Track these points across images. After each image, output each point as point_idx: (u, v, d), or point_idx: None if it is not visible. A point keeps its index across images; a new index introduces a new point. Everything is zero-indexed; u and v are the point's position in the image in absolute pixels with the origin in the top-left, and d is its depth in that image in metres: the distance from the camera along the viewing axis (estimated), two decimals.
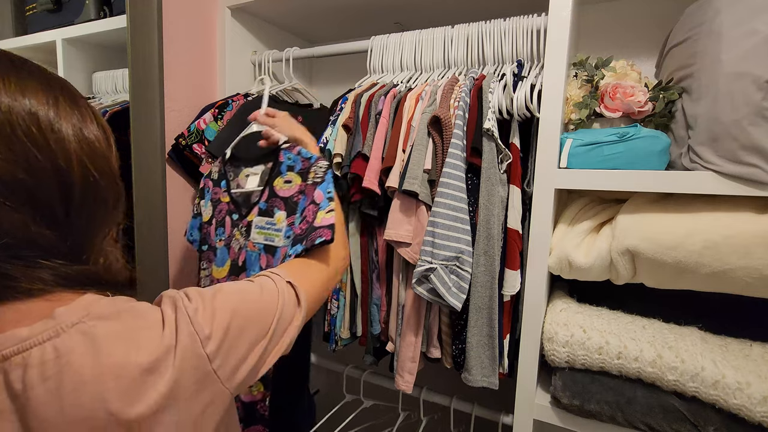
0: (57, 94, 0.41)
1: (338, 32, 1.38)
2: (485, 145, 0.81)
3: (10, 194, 0.36)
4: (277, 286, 0.54)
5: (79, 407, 0.35)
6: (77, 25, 1.16)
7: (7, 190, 0.36)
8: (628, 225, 0.74)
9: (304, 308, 0.57)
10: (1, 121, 0.36)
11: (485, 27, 0.92)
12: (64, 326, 0.37)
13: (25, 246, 0.38)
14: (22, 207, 0.37)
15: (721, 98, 0.66)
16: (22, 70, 0.40)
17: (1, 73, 0.39)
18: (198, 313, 0.44)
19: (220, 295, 0.48)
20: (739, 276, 0.66)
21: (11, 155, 0.36)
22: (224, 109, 1.16)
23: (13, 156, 0.36)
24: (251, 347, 0.48)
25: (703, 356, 0.68)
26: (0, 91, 0.37)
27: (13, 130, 0.37)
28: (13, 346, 0.36)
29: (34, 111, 0.38)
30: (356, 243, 1.02)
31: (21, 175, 0.37)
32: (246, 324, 0.48)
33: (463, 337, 0.88)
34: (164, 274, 1.12)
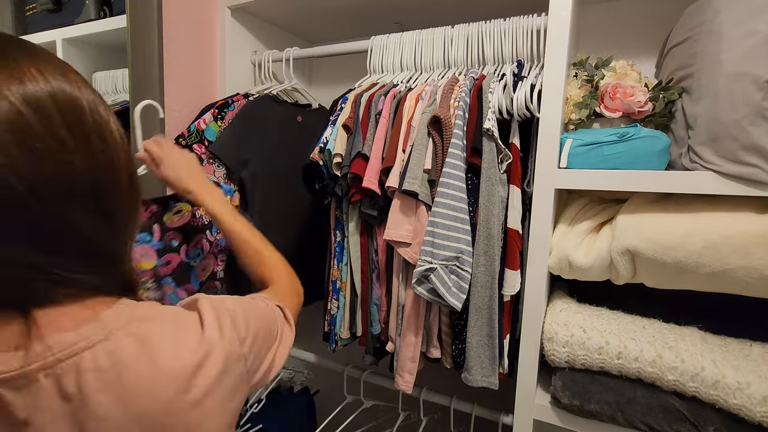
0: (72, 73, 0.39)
1: (338, 32, 1.38)
2: (485, 145, 0.81)
3: (71, 191, 0.36)
4: (272, 308, 0.57)
5: (139, 406, 0.36)
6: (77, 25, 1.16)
7: (67, 187, 0.35)
8: (628, 225, 0.74)
9: (293, 326, 0.60)
10: (74, 111, 0.35)
11: (485, 27, 0.92)
12: (113, 329, 0.38)
13: (71, 248, 0.38)
14: (79, 207, 0.37)
15: (721, 98, 0.66)
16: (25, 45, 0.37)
17: (59, 61, 0.37)
18: (238, 317, 0.46)
19: (245, 302, 0.51)
20: (739, 276, 0.66)
21: (80, 146, 0.36)
22: (224, 109, 1.16)
23: (77, 149, 0.36)
24: (266, 352, 0.51)
25: (703, 356, 0.68)
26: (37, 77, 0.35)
27: (81, 121, 0.36)
28: (63, 351, 0.36)
29: (97, 105, 0.38)
30: (356, 243, 1.02)
31: (84, 170, 0.36)
32: (264, 332, 0.51)
33: (463, 337, 0.88)
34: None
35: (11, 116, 0.32)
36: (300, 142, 1.20)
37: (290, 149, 1.22)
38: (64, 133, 0.35)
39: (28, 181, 0.33)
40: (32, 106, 0.33)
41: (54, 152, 0.34)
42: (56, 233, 0.36)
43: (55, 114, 0.34)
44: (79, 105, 0.36)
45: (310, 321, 1.40)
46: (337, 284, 1.07)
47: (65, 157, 0.35)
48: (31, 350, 0.35)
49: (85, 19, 1.15)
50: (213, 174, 1.10)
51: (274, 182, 1.20)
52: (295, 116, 1.27)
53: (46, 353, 0.35)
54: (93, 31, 1.14)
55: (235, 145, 1.11)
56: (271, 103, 1.22)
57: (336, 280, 1.07)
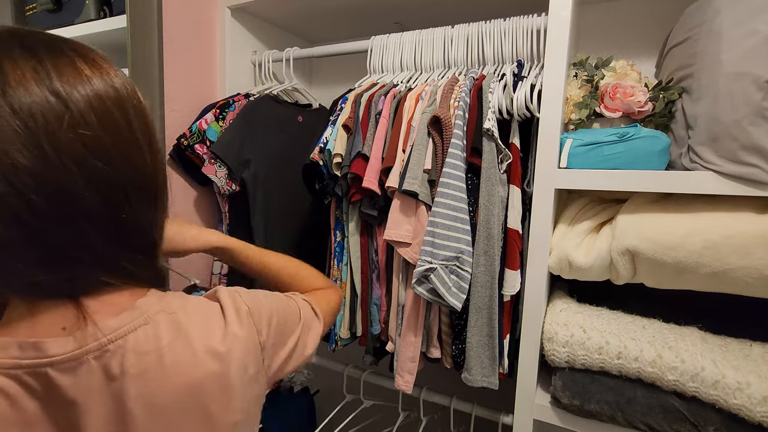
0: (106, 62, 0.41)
1: (338, 32, 1.38)
2: (485, 145, 0.81)
3: (131, 185, 0.39)
4: (296, 300, 0.59)
5: (176, 384, 0.40)
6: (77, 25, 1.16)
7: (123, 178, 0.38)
8: (628, 225, 0.74)
9: (322, 319, 0.62)
10: (118, 99, 0.38)
11: (485, 27, 0.92)
12: (150, 315, 0.41)
13: (130, 239, 0.40)
14: (143, 200, 0.40)
15: (721, 98, 0.66)
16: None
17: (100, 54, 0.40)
18: (254, 309, 0.49)
19: (262, 295, 0.53)
20: (739, 276, 0.66)
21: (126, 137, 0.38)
22: (226, 109, 1.16)
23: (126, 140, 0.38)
24: (283, 346, 0.53)
25: (703, 356, 0.68)
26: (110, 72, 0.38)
27: (146, 123, 0.40)
28: (108, 335, 0.38)
29: (150, 112, 0.42)
30: (356, 243, 1.02)
31: (149, 167, 0.40)
32: (282, 325, 0.53)
33: (463, 337, 0.88)
34: (165, 274, 1.12)
35: (105, 116, 0.36)
36: (300, 142, 1.20)
37: (291, 149, 1.22)
38: (137, 132, 0.39)
39: (114, 175, 0.37)
40: (118, 107, 0.38)
41: (131, 148, 0.38)
42: (126, 226, 0.39)
43: (132, 115, 0.39)
44: (145, 109, 0.41)
45: None
46: (337, 284, 1.07)
47: (139, 156, 0.39)
48: (83, 334, 0.37)
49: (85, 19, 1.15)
50: (215, 174, 1.10)
51: (274, 182, 1.20)
52: (295, 116, 1.27)
53: (97, 336, 0.38)
54: (93, 31, 1.14)
55: (237, 145, 1.11)
56: (272, 103, 1.22)
57: (336, 280, 1.07)
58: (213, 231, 0.74)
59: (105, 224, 0.37)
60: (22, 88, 0.33)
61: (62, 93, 0.34)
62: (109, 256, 0.39)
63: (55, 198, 0.34)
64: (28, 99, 0.33)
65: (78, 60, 0.37)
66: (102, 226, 0.37)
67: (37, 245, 0.35)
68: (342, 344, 1.08)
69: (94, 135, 0.35)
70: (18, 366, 0.36)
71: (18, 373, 0.36)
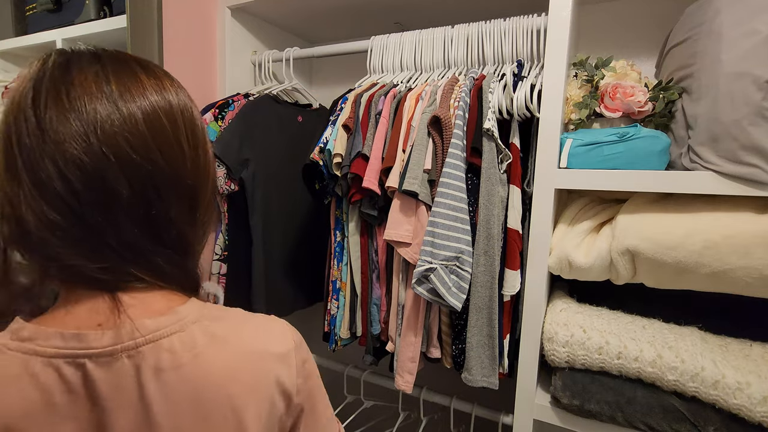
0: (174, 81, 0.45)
1: (338, 32, 1.38)
2: (485, 145, 0.81)
3: (172, 190, 0.41)
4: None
5: (208, 392, 0.39)
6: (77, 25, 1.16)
7: (173, 186, 0.41)
8: (628, 225, 0.74)
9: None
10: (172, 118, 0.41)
11: (485, 27, 0.92)
12: (188, 322, 0.41)
13: (166, 238, 0.41)
14: (179, 203, 0.42)
15: (721, 98, 0.66)
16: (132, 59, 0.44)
17: (163, 72, 0.44)
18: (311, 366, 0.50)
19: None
20: (739, 276, 0.66)
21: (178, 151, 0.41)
22: (225, 109, 1.16)
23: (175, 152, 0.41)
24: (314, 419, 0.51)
25: (703, 356, 0.68)
26: (170, 90, 0.42)
27: (195, 133, 0.43)
28: (145, 336, 0.39)
29: (202, 121, 0.45)
30: (356, 243, 1.02)
31: (189, 173, 0.42)
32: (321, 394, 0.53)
33: (463, 337, 0.88)
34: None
35: (152, 119, 0.39)
36: (300, 142, 1.21)
37: (290, 149, 1.22)
38: (183, 139, 0.42)
39: (153, 173, 0.39)
40: (167, 113, 0.41)
41: (175, 154, 0.41)
42: (159, 222, 0.41)
43: (181, 123, 0.42)
44: (195, 119, 0.44)
45: (310, 321, 1.40)
46: (337, 284, 1.07)
47: (180, 159, 0.41)
48: (119, 331, 0.38)
49: (85, 19, 1.14)
50: None
51: (274, 182, 1.20)
52: (295, 116, 1.27)
53: (134, 334, 0.38)
54: (93, 31, 1.14)
55: (236, 145, 1.11)
56: (272, 103, 1.22)
57: (336, 280, 1.07)
58: None
59: (137, 217, 0.39)
60: (81, 88, 0.37)
61: (115, 94, 0.38)
62: (139, 248, 0.40)
63: (94, 185, 0.37)
64: (85, 97, 0.37)
65: (139, 71, 0.41)
66: (135, 218, 0.39)
67: (76, 229, 0.37)
68: (342, 344, 1.08)
69: (138, 133, 0.38)
70: (59, 355, 0.36)
71: (59, 362, 0.36)
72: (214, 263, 1.23)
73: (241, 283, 1.19)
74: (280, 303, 1.24)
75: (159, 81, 0.42)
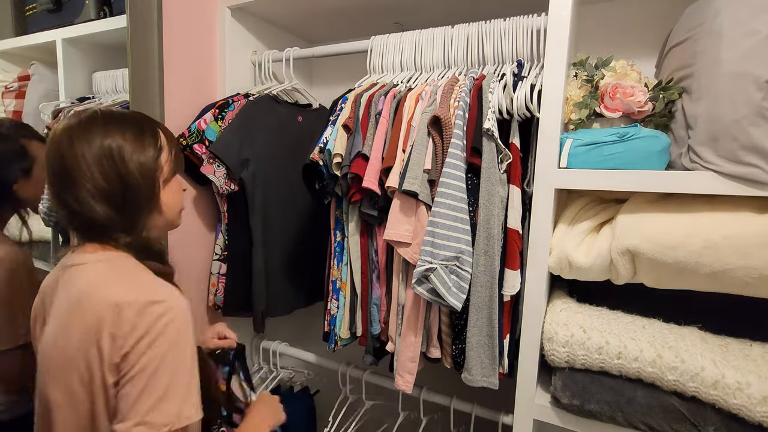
0: (126, 132, 0.67)
1: (338, 32, 1.38)
2: (485, 145, 0.81)
3: (102, 193, 0.64)
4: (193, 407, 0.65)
5: (84, 310, 0.60)
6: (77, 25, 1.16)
7: (101, 191, 0.64)
8: (628, 225, 0.74)
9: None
10: (99, 152, 0.64)
11: (485, 27, 0.92)
12: (93, 261, 0.65)
13: (105, 221, 0.65)
14: (106, 201, 0.65)
15: (721, 98, 0.66)
16: (108, 119, 0.68)
17: (91, 125, 0.66)
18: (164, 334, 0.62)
19: (180, 359, 0.63)
20: (739, 276, 0.66)
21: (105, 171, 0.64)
22: (225, 109, 1.16)
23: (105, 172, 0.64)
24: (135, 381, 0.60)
25: (703, 356, 0.68)
26: (97, 136, 0.65)
27: (105, 158, 0.64)
28: (77, 264, 0.66)
29: (116, 145, 0.65)
30: (356, 243, 1.02)
31: (110, 184, 0.64)
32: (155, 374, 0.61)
33: (463, 337, 0.88)
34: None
35: (102, 152, 0.64)
36: (300, 142, 1.20)
37: (290, 149, 1.22)
38: (117, 166, 0.65)
39: (114, 183, 0.65)
40: (106, 153, 0.64)
41: (113, 173, 0.64)
42: (98, 216, 0.64)
43: (117, 156, 0.65)
44: (121, 154, 0.65)
45: (310, 321, 1.40)
46: (337, 284, 1.07)
47: (130, 174, 0.66)
48: (73, 257, 0.67)
49: (85, 18, 1.15)
50: (213, 174, 1.10)
51: (274, 182, 1.20)
52: (295, 116, 1.27)
53: (74, 261, 0.66)
54: (93, 30, 1.14)
55: (236, 145, 1.11)
56: (272, 103, 1.22)
57: (336, 280, 1.07)
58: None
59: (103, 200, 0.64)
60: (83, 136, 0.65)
61: (96, 143, 0.65)
62: (102, 220, 0.64)
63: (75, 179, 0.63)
64: (85, 142, 0.64)
65: (115, 131, 0.66)
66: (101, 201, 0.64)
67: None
68: (342, 344, 1.08)
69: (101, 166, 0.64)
70: (60, 266, 0.68)
71: (57, 270, 0.69)
72: (213, 263, 1.24)
73: (240, 283, 1.19)
74: (280, 303, 1.24)
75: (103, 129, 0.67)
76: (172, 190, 0.74)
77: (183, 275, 1.18)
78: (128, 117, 0.70)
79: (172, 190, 0.74)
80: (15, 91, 1.27)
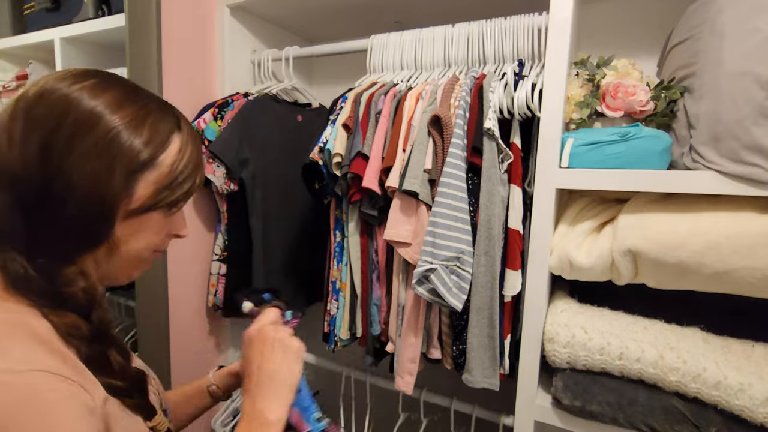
0: (128, 105, 0.44)
1: (338, 31, 1.37)
2: (486, 145, 0.81)
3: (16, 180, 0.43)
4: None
5: None
6: (75, 24, 1.16)
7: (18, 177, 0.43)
8: (630, 225, 0.73)
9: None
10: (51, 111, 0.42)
11: (486, 26, 0.92)
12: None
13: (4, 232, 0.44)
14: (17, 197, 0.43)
15: (723, 97, 0.65)
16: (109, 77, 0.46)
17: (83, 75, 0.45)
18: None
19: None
20: (741, 276, 0.66)
21: None
22: (224, 109, 1.15)
23: None
24: None
25: (705, 357, 0.68)
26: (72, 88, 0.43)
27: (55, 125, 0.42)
28: None
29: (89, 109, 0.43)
30: (356, 243, 1.01)
31: (39, 170, 0.42)
32: None
33: (463, 338, 0.87)
34: (163, 273, 1.11)
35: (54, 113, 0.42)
36: (300, 141, 1.20)
37: (290, 149, 1.22)
38: (68, 142, 0.42)
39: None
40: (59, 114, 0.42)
41: (54, 153, 0.42)
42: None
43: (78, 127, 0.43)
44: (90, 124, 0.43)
45: (310, 322, 1.39)
46: (336, 284, 1.06)
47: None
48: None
49: (84, 17, 1.14)
50: (213, 174, 1.10)
51: (273, 182, 1.19)
52: (294, 115, 1.27)
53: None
54: (91, 29, 1.14)
55: (235, 144, 1.11)
56: (271, 102, 1.21)
57: (336, 281, 1.06)
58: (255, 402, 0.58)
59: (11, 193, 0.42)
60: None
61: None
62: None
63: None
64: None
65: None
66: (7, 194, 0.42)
67: None
68: (342, 345, 1.07)
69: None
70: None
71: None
72: (213, 263, 1.23)
73: (240, 284, 1.18)
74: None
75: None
76: (148, 229, 0.47)
77: (182, 276, 1.18)
78: (143, 91, 0.47)
79: (148, 229, 0.47)
80: (13, 90, 1.27)
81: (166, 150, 0.46)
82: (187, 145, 0.48)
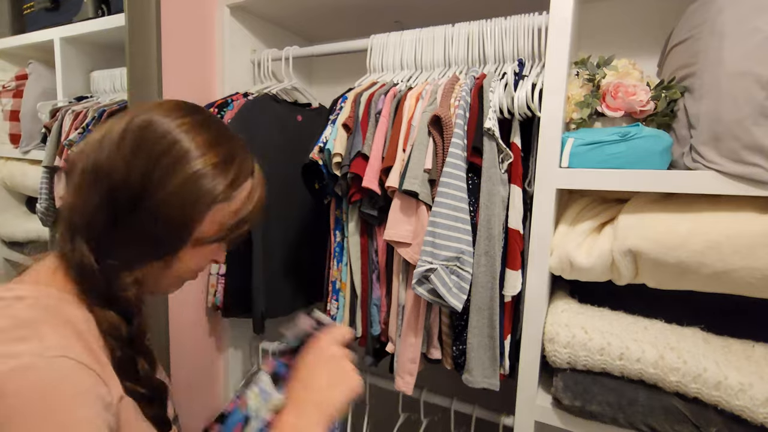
0: (213, 148, 0.52)
1: (338, 31, 1.37)
2: (486, 145, 0.81)
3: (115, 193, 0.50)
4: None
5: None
6: (75, 24, 1.15)
7: (116, 190, 0.50)
8: (630, 225, 0.73)
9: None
10: (156, 145, 0.49)
11: (486, 25, 0.92)
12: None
13: (89, 232, 0.49)
14: (113, 206, 0.50)
15: (723, 97, 0.65)
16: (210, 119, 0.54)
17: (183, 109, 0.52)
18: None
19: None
20: (741, 276, 0.66)
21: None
22: (224, 109, 1.15)
23: None
24: None
25: (706, 357, 0.68)
26: (173, 124, 0.50)
27: (159, 154, 0.49)
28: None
29: (184, 149, 0.49)
30: (356, 243, 1.01)
31: (135, 187, 0.48)
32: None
33: (463, 338, 0.87)
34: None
35: (160, 147, 0.49)
36: (300, 141, 1.20)
37: (290, 149, 1.21)
38: (166, 172, 0.49)
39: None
40: (164, 149, 0.49)
41: (153, 179, 0.48)
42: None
43: (172, 161, 0.49)
44: (182, 162, 0.50)
45: None
46: (336, 285, 1.06)
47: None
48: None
49: (83, 17, 1.14)
50: None
51: (273, 182, 1.17)
52: (294, 115, 1.27)
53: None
54: (91, 29, 1.13)
55: None
56: (271, 102, 1.21)
57: (335, 281, 1.06)
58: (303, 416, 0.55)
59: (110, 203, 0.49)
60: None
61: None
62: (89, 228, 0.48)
63: None
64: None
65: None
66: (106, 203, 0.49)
67: None
68: None
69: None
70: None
71: None
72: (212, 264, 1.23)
73: (240, 284, 1.18)
74: (280, 304, 1.23)
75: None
76: (202, 255, 0.55)
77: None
78: (233, 135, 0.54)
79: (202, 255, 0.55)
80: (12, 90, 1.26)
81: (240, 192, 0.54)
82: (256, 189, 0.57)
